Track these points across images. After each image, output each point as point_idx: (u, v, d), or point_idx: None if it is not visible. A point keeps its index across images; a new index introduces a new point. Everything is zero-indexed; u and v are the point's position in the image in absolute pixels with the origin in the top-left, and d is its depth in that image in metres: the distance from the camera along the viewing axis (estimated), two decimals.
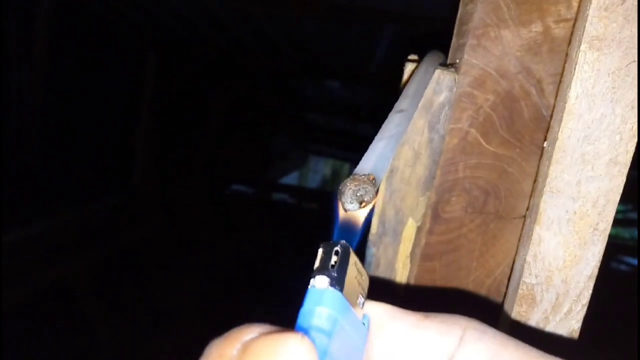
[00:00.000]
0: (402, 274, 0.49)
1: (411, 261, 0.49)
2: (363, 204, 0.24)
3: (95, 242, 2.86)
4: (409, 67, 0.45)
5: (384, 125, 0.32)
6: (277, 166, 4.78)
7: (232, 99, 4.00)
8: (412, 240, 0.48)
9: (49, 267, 2.54)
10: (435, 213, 0.47)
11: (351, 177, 0.25)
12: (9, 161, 2.76)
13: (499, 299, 0.49)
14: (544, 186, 0.36)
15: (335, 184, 5.78)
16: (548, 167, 0.36)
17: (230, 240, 3.51)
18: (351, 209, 0.24)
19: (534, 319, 0.36)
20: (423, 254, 0.48)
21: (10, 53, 2.71)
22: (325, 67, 3.21)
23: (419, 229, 0.48)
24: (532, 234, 0.36)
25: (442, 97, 0.45)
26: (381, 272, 0.49)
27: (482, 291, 0.49)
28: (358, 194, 0.24)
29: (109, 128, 3.19)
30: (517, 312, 0.36)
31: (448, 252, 0.48)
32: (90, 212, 2.91)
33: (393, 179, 0.47)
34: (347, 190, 0.24)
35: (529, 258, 0.35)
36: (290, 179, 5.14)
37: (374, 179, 0.25)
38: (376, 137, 0.30)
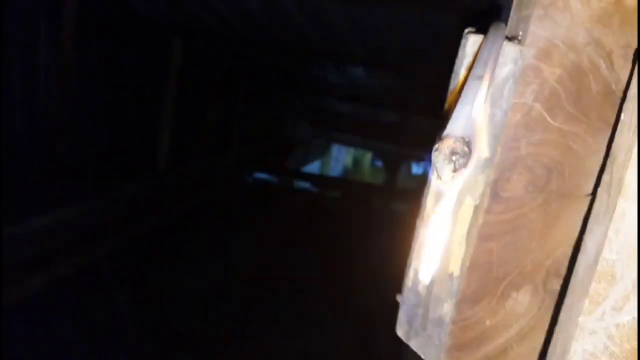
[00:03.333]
0: (457, 253, 0.48)
1: (467, 241, 0.47)
2: (455, 170, 0.23)
3: (121, 228, 2.89)
4: (471, 39, 0.44)
5: (465, 90, 0.31)
6: (299, 154, 4.77)
7: (256, 86, 4.00)
8: (469, 219, 0.47)
9: (75, 252, 2.58)
10: (495, 192, 0.46)
11: (444, 138, 0.24)
12: (37, 148, 2.80)
13: (558, 280, 0.48)
14: (629, 158, 0.34)
15: (357, 173, 5.75)
16: (633, 138, 0.34)
17: (253, 228, 3.53)
18: (445, 174, 0.23)
19: (613, 297, 0.34)
20: (480, 234, 0.47)
21: (37, 38, 2.74)
22: (350, 52, 3.17)
23: (476, 208, 0.46)
24: (614, 208, 0.34)
25: (506, 70, 0.43)
26: (436, 252, 0.48)
27: (541, 272, 0.47)
28: (453, 158, 0.23)
29: (134, 114, 3.22)
30: (595, 289, 0.34)
31: (507, 233, 0.47)
32: (116, 198, 2.95)
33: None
34: (440, 153, 0.23)
35: (610, 233, 0.34)
36: (312, 167, 5.13)
37: (469, 141, 0.23)
38: (460, 101, 0.29)
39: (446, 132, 0.26)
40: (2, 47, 2.56)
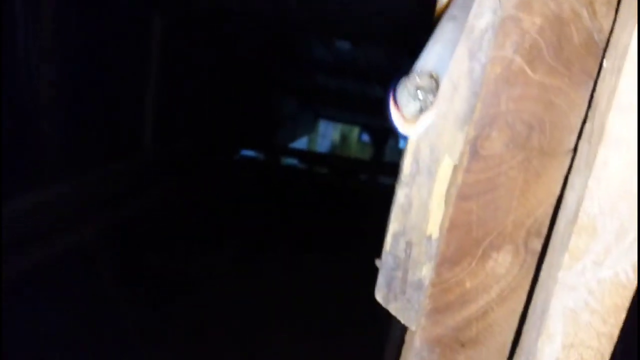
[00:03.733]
0: (436, 215, 0.46)
1: (446, 202, 0.46)
2: (421, 108, 0.21)
3: (108, 207, 2.86)
4: None
5: (436, 31, 0.29)
6: (286, 130, 4.73)
7: (240, 62, 3.93)
8: (447, 180, 0.45)
9: (65, 231, 2.56)
10: (474, 149, 0.44)
11: (410, 74, 0.22)
12: (23, 127, 2.75)
13: (539, 240, 0.46)
14: (610, 103, 0.32)
15: (344, 148, 5.73)
16: (616, 82, 0.32)
17: (241, 205, 3.51)
18: (409, 112, 0.21)
19: (594, 251, 0.33)
20: (459, 194, 0.45)
21: (17, 17, 2.66)
22: (335, 23, 3.12)
23: (455, 167, 0.45)
24: (594, 157, 0.32)
25: (484, 22, 0.41)
26: (414, 214, 0.47)
27: (522, 232, 0.46)
28: (419, 97, 0.21)
29: (118, 92, 3.16)
30: (575, 244, 0.33)
31: (486, 192, 0.45)
32: (101, 177, 2.91)
33: (434, 118, 0.43)
34: (404, 88, 0.21)
35: (591, 184, 0.32)
36: (299, 143, 5.10)
37: (436, 77, 0.22)
38: (431, 41, 0.27)
39: (414, 67, 0.24)
40: None
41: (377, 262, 0.51)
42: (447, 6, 0.35)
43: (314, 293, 2.71)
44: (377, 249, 0.52)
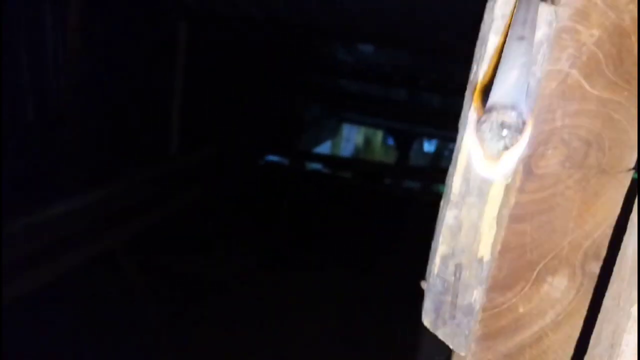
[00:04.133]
0: (487, 236, 0.44)
1: (498, 223, 0.44)
2: (506, 148, 0.19)
3: (133, 215, 2.89)
4: (500, 2, 0.39)
5: (507, 53, 0.27)
6: (309, 135, 4.73)
7: (264, 68, 3.94)
8: (500, 200, 0.43)
9: (92, 239, 2.59)
10: (528, 168, 0.42)
11: (491, 108, 0.20)
12: (48, 136, 2.80)
13: (597, 263, 0.44)
14: None
15: (368, 152, 5.69)
16: None
17: (267, 210, 3.51)
18: (493, 152, 0.19)
19: None
20: (512, 215, 0.43)
21: (46, 27, 2.71)
22: (358, 29, 3.11)
23: (507, 187, 0.43)
24: None
25: (539, 34, 0.39)
26: (464, 235, 0.44)
27: (579, 255, 0.44)
28: (504, 133, 0.19)
29: (143, 99, 3.19)
30: None
31: (541, 213, 0.43)
32: (128, 185, 2.94)
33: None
34: (488, 125, 0.19)
35: None
36: (323, 148, 5.08)
37: (521, 112, 0.20)
38: (504, 66, 0.25)
39: (492, 101, 0.22)
40: (9, 35, 2.54)
41: (423, 284, 0.49)
42: (508, 26, 0.33)
43: (339, 296, 2.70)
44: (397, 253, 0.50)
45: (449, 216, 0.45)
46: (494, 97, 0.22)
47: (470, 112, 0.37)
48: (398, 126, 4.65)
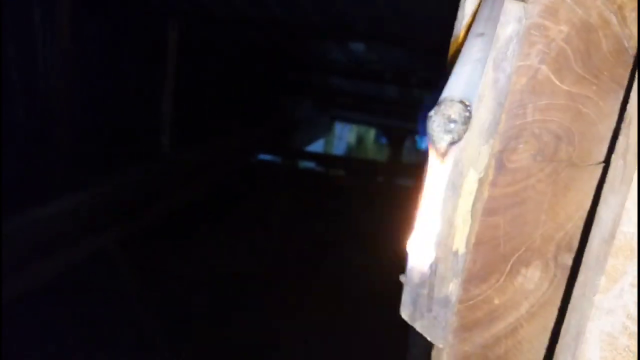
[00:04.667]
0: (462, 230, 0.45)
1: (472, 216, 0.44)
2: (453, 141, 0.20)
3: (127, 214, 2.89)
4: (469, 1, 0.40)
5: (464, 50, 0.28)
6: (302, 133, 4.73)
7: (256, 66, 3.94)
8: (473, 194, 0.44)
9: (83, 240, 2.58)
10: (500, 163, 0.43)
11: (440, 104, 0.21)
12: (41, 135, 2.79)
13: (569, 255, 0.45)
14: None
15: (361, 150, 5.71)
16: None
17: (260, 209, 3.52)
18: (441, 146, 0.20)
19: (632, 273, 0.31)
20: (485, 209, 0.44)
21: (35, 24, 2.70)
22: (350, 26, 3.11)
23: (480, 181, 0.43)
24: (632, 176, 0.31)
25: (509, 30, 0.40)
26: (439, 230, 0.45)
27: (551, 247, 0.45)
28: (448, 127, 0.20)
29: (135, 98, 3.19)
30: (612, 265, 0.32)
31: (513, 206, 0.44)
32: (120, 184, 2.94)
33: None
34: (435, 121, 0.20)
35: (628, 204, 0.31)
36: (316, 146, 5.09)
37: (468, 104, 0.20)
38: (459, 62, 0.26)
39: (443, 95, 0.23)
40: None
41: (402, 278, 0.50)
42: (470, 24, 0.34)
43: (335, 292, 2.70)
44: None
45: (423, 210, 0.45)
46: (445, 92, 0.23)
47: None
48: (390, 124, 4.67)
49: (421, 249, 0.47)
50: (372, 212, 3.45)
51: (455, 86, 0.24)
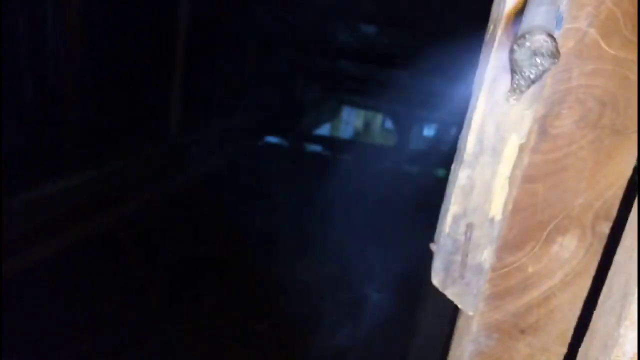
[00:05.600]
0: (500, 196, 0.44)
1: (511, 183, 0.44)
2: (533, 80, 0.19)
3: (133, 193, 2.89)
4: None
5: None
6: (309, 117, 4.71)
7: (265, 47, 3.92)
8: (513, 160, 0.43)
9: (88, 218, 2.59)
10: (543, 128, 0.42)
11: (524, 33, 0.20)
12: (49, 115, 2.78)
13: (607, 224, 0.45)
14: None
15: (368, 135, 5.68)
16: None
17: (266, 192, 3.51)
18: (526, 82, 0.19)
19: None
20: (525, 175, 0.44)
21: (45, 3, 2.68)
22: (360, 9, 3.08)
23: (522, 147, 0.43)
24: None
25: None
26: (476, 195, 0.45)
27: (590, 215, 0.44)
28: (536, 60, 0.19)
29: (144, 78, 3.17)
30: None
31: (554, 173, 0.43)
32: (128, 163, 2.94)
33: (495, 90, 0.42)
34: (523, 51, 0.20)
35: None
36: (323, 130, 5.07)
37: (554, 38, 0.20)
38: (533, 3, 0.25)
39: (524, 29, 0.22)
40: (8, 13, 2.51)
41: (432, 246, 0.50)
42: None
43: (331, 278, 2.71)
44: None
45: (461, 176, 0.45)
46: (526, 26, 0.22)
47: (489, 67, 0.38)
48: (398, 109, 4.64)
49: (456, 215, 0.46)
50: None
51: (536, 20, 0.23)
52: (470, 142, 0.44)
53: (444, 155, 4.43)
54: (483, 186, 0.45)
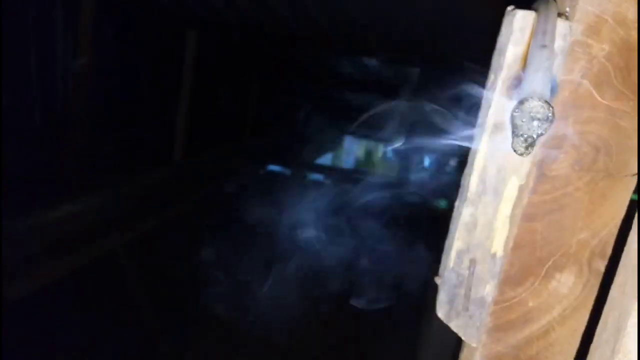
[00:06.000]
0: (501, 233, 0.47)
1: (511, 221, 0.47)
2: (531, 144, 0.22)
3: (136, 218, 2.91)
4: (519, 14, 0.43)
5: (531, 59, 0.30)
6: (312, 146, 4.77)
7: (270, 78, 3.99)
8: (513, 199, 0.46)
9: (91, 243, 2.61)
10: (541, 171, 0.45)
11: (523, 100, 0.24)
12: (54, 137, 2.83)
13: (603, 261, 0.47)
14: None
15: (370, 165, 5.73)
16: None
17: (267, 219, 3.53)
18: (520, 148, 0.22)
19: None
20: (525, 214, 0.46)
21: (57, 27, 2.76)
22: (364, 40, 3.15)
23: (521, 188, 0.46)
24: None
25: (555, 46, 0.43)
26: (479, 232, 0.48)
27: (586, 253, 0.47)
28: (535, 124, 0.22)
29: (150, 105, 3.23)
30: None
31: (552, 212, 0.46)
32: (132, 189, 2.97)
33: (496, 135, 0.45)
34: (520, 116, 0.23)
35: None
36: (325, 159, 5.12)
37: (550, 105, 0.23)
38: (530, 69, 0.28)
39: (523, 95, 0.25)
40: (20, 37, 2.58)
41: (437, 279, 0.52)
42: (531, 35, 0.37)
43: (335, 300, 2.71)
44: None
45: (465, 213, 0.48)
46: (524, 92, 0.25)
47: (491, 113, 0.41)
48: (399, 140, 4.70)
49: (460, 250, 0.49)
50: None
51: (533, 90, 0.27)
52: (473, 183, 0.47)
53: (445, 186, 4.47)
54: (485, 224, 0.47)
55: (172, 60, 3.34)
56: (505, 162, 0.46)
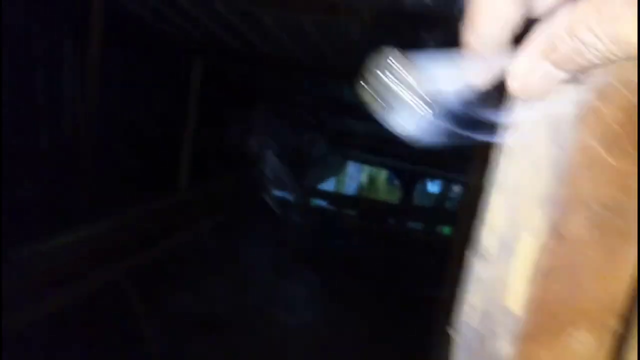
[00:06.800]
0: (515, 291, 0.48)
1: (525, 279, 0.47)
2: None
3: (141, 246, 2.91)
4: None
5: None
6: (315, 172, 4.79)
7: (273, 104, 4.04)
8: (527, 256, 0.47)
9: (95, 271, 2.61)
10: (554, 230, 0.46)
11: None
12: (60, 165, 2.85)
13: (618, 320, 0.48)
14: None
15: (372, 191, 5.75)
16: None
17: (271, 246, 3.53)
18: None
19: None
20: (539, 272, 0.47)
21: (65, 58, 2.80)
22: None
23: (534, 245, 0.47)
24: None
25: (565, 111, 0.44)
26: (493, 288, 0.48)
27: (601, 312, 0.47)
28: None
29: (156, 133, 3.26)
30: None
31: (566, 271, 0.47)
32: (137, 216, 2.98)
33: (512, 195, 0.46)
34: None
35: None
36: (328, 185, 5.14)
37: None
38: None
39: None
40: (30, 67, 2.62)
41: (451, 332, 0.53)
42: None
43: (345, 331, 2.69)
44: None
45: (478, 269, 0.49)
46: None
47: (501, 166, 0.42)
48: (403, 166, 4.72)
49: (474, 305, 0.49)
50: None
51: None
52: (485, 237, 0.48)
53: (449, 212, 4.47)
54: (500, 280, 0.48)
55: (177, 87, 3.38)
56: (516, 217, 0.46)
